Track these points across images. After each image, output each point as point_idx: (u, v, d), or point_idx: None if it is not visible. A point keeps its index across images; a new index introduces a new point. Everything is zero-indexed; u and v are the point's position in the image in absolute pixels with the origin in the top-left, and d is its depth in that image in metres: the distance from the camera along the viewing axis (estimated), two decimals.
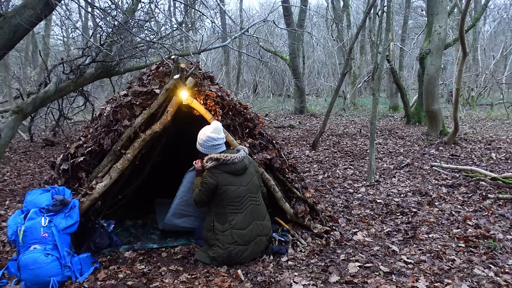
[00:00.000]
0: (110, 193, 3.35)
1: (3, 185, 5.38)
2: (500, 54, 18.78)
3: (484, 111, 14.12)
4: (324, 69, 24.94)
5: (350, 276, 2.63)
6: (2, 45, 4.93)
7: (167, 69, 3.39)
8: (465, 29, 7.45)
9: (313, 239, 3.22)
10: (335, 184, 5.11)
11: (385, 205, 4.17)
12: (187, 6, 8.88)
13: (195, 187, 2.94)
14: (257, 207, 2.94)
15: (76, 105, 10.59)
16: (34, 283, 2.53)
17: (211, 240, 2.85)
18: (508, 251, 2.98)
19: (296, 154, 7.20)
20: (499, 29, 22.85)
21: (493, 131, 9.09)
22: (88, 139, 3.11)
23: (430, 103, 8.40)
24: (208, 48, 7.96)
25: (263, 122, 3.69)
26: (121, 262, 2.94)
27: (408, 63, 21.54)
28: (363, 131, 9.59)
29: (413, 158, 6.38)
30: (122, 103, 3.13)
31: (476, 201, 4.19)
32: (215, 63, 21.98)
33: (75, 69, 6.84)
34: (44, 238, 2.58)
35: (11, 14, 4.90)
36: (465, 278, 2.58)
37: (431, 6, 9.06)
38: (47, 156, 7.55)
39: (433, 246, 3.07)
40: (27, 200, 2.76)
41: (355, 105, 17.00)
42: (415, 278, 2.57)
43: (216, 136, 2.90)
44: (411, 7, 15.93)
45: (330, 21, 17.17)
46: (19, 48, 12.67)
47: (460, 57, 7.23)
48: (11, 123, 5.09)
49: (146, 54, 7.20)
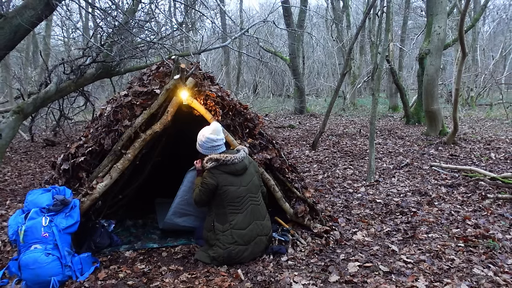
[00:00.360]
0: (110, 193, 3.36)
1: (4, 185, 5.38)
2: (499, 54, 18.81)
3: (484, 111, 14.13)
4: (324, 69, 24.96)
5: (350, 275, 2.64)
6: (3, 45, 4.94)
7: (167, 70, 3.40)
8: (464, 30, 7.47)
9: (313, 239, 3.23)
10: (335, 184, 5.12)
11: (385, 205, 4.18)
12: (187, 6, 8.90)
13: (195, 187, 2.95)
14: (257, 207, 2.94)
15: (77, 105, 10.60)
16: (35, 282, 2.53)
17: (211, 240, 2.86)
18: (507, 250, 2.99)
19: (296, 154, 7.21)
20: (498, 30, 22.88)
21: (492, 131, 9.10)
22: (88, 139, 3.12)
23: (429, 103, 8.41)
24: (208, 49, 7.97)
25: (263, 122, 3.70)
26: (121, 261, 2.95)
27: (407, 63, 21.57)
28: (362, 131, 9.60)
29: (412, 158, 6.39)
30: (122, 103, 3.14)
31: (475, 201, 4.20)
32: (215, 63, 22.01)
33: (75, 69, 6.85)
34: (44, 238, 2.59)
35: (12, 15, 4.91)
36: (465, 277, 2.59)
37: (430, 6, 9.08)
38: (47, 156, 7.56)
39: (432, 246, 3.08)
40: (28, 200, 2.76)
41: (355, 105, 17.01)
42: (414, 278, 2.58)
43: (216, 138, 2.91)
44: (410, 8, 15.95)
45: (330, 21, 17.19)
46: (20, 48, 12.67)
47: (460, 57, 7.25)
48: (12, 123, 5.10)
49: (147, 54, 7.22)
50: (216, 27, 11.97)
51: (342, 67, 8.79)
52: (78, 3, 7.17)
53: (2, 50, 5.03)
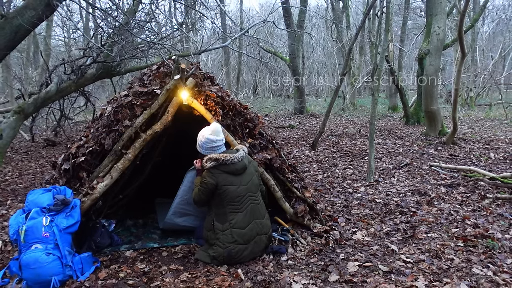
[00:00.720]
0: (111, 193, 3.36)
1: (5, 185, 5.39)
2: (498, 54, 18.84)
3: (483, 111, 14.15)
4: (324, 70, 24.98)
5: (350, 275, 2.65)
6: (4, 45, 4.95)
7: (167, 70, 3.42)
8: (463, 30, 7.48)
9: (313, 239, 3.24)
10: (335, 183, 5.13)
11: (384, 205, 4.19)
12: (187, 7, 8.92)
13: (195, 186, 2.95)
14: (257, 206, 2.95)
15: (77, 105, 10.62)
16: (36, 282, 2.54)
17: (211, 240, 2.87)
18: (506, 250, 2.99)
19: (295, 154, 7.22)
20: (497, 30, 22.91)
21: (491, 131, 9.12)
22: (89, 139, 3.13)
23: (429, 103, 8.43)
24: (209, 49, 7.98)
25: (263, 122, 3.71)
26: (122, 261, 2.96)
27: (407, 63, 21.61)
28: (362, 131, 9.62)
29: (412, 158, 6.40)
30: (123, 103, 3.15)
31: (474, 201, 4.21)
32: (215, 63, 22.03)
33: (76, 70, 6.87)
34: (45, 238, 2.60)
35: (12, 15, 4.93)
36: (464, 277, 2.60)
37: (430, 7, 9.10)
38: (48, 156, 7.57)
39: (432, 246, 3.09)
40: (29, 200, 2.77)
41: (355, 106, 17.03)
42: (414, 277, 2.58)
43: (215, 138, 2.92)
44: (410, 8, 15.96)
45: (330, 22, 17.21)
46: (20, 48, 12.68)
47: (459, 57, 7.26)
48: (12, 123, 5.12)
49: (147, 54, 7.23)
50: (216, 28, 11.98)
51: (342, 67, 8.81)
52: (78, 3, 7.19)
53: (3, 50, 5.04)
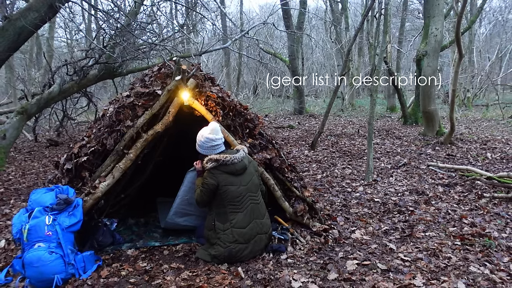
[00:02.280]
0: (113, 192, 3.39)
1: (8, 184, 5.40)
2: (495, 56, 18.92)
3: (480, 111, 14.21)
4: (323, 71, 25.03)
5: (348, 273, 2.67)
6: (7, 47, 4.98)
7: (168, 71, 3.44)
8: (461, 31, 7.54)
9: (312, 237, 3.26)
10: (334, 183, 5.16)
11: (383, 204, 4.22)
12: (188, 8, 8.97)
13: (197, 187, 2.97)
14: (257, 205, 2.98)
15: (80, 105, 10.66)
16: (38, 280, 2.56)
17: (212, 239, 2.89)
18: (503, 249, 3.02)
19: (295, 154, 7.26)
20: (494, 31, 22.99)
21: (488, 131, 9.16)
22: (91, 139, 3.15)
23: (426, 104, 8.47)
24: (209, 50, 8.01)
25: (263, 123, 3.74)
26: (123, 259, 2.98)
27: (405, 64, 21.69)
28: (361, 132, 9.65)
29: (410, 158, 6.44)
30: (124, 104, 3.17)
31: (472, 200, 4.25)
32: (216, 64, 22.07)
33: (78, 71, 6.90)
34: (48, 236, 2.61)
35: (16, 17, 4.96)
36: (461, 275, 2.62)
37: (427, 8, 9.16)
38: (51, 156, 7.58)
39: (429, 244, 3.11)
40: (32, 199, 2.79)
41: (353, 106, 17.07)
42: (412, 276, 2.61)
43: (214, 137, 2.94)
44: (408, 10, 16.04)
45: (329, 23, 17.28)
46: (23, 50, 12.72)
47: (456, 58, 7.31)
48: (16, 123, 5.15)
49: (148, 55, 7.26)
50: (216, 29, 12.04)
51: (341, 68, 8.85)
52: (81, 5, 7.24)
53: (6, 52, 5.07)
